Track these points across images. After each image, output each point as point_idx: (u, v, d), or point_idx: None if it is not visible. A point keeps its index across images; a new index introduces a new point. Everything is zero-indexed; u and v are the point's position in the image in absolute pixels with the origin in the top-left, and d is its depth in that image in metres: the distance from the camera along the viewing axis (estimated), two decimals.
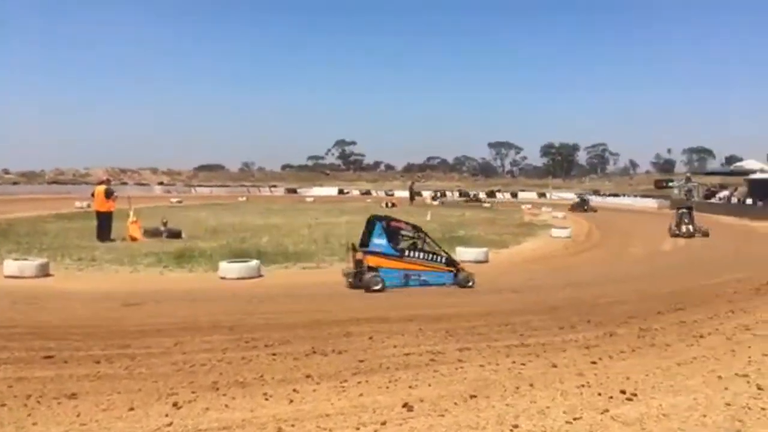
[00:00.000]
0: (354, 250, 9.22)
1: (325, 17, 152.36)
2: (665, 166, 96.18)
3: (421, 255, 9.38)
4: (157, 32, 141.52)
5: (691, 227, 19.51)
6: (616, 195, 58.82)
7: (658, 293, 8.99)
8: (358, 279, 8.90)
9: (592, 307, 7.80)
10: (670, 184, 49.60)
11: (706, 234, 19.46)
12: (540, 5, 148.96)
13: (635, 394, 4.37)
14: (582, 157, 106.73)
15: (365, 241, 9.22)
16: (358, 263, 8.99)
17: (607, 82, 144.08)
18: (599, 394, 4.38)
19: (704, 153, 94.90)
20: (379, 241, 9.10)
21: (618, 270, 12.11)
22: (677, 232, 19.47)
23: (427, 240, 9.61)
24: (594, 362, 5.24)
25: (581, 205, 37.39)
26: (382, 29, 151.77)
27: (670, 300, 8.30)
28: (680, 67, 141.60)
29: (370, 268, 8.91)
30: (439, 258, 9.51)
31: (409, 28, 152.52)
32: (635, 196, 54.76)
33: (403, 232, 9.49)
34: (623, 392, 4.41)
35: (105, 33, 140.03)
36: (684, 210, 20.25)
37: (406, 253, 9.25)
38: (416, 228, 9.66)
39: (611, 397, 4.32)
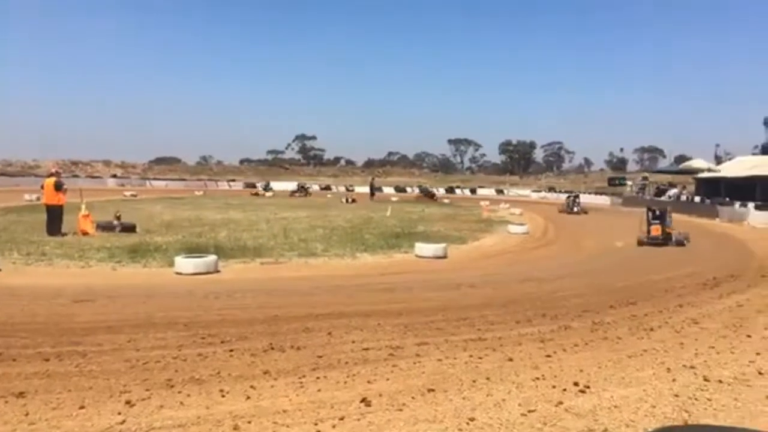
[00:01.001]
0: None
1: (286, 11, 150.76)
2: (618, 164, 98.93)
3: None
4: (111, 21, 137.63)
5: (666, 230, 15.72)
6: (571, 192, 60.08)
7: (610, 288, 9.23)
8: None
9: (547, 301, 7.96)
10: (625, 182, 51.01)
11: (683, 242, 15.76)
12: (499, 5, 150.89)
13: (588, 386, 4.49)
14: (539, 154, 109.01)
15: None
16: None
17: (564, 83, 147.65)
18: (553, 387, 4.48)
19: (655, 152, 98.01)
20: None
21: (572, 265, 12.38)
22: (646, 239, 15.61)
23: None
24: (549, 355, 5.36)
25: (571, 206, 30.94)
26: (343, 25, 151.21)
27: (622, 294, 8.55)
28: (634, 68, 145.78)
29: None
30: None
31: (370, 24, 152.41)
32: (590, 193, 56.03)
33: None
34: (576, 384, 4.52)
35: (55, 21, 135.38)
36: (656, 211, 16.33)
37: None
38: None
39: (565, 390, 4.42)
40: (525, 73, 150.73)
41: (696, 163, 39.06)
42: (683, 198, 34.86)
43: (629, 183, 47.81)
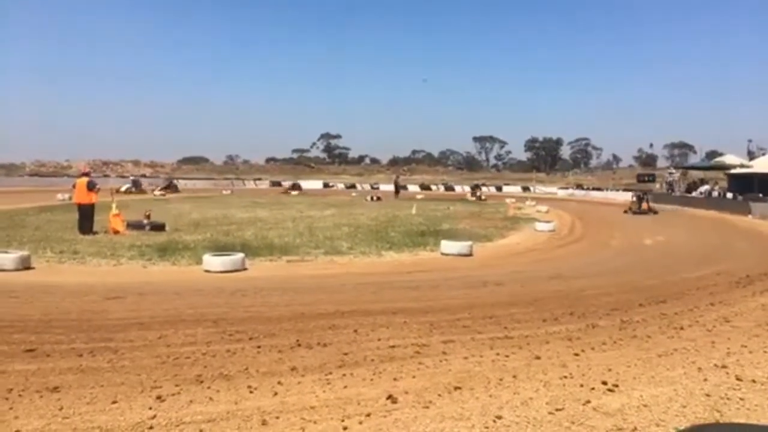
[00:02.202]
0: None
1: (310, 11, 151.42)
2: (647, 160, 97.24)
3: None
4: (141, 24, 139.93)
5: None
6: (599, 189, 59.35)
7: (639, 286, 9.09)
8: None
9: (575, 299, 7.88)
10: (654, 178, 50.13)
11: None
12: (524, 1, 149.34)
13: (617, 385, 4.43)
14: (565, 151, 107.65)
15: None
16: None
17: (591, 78, 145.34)
18: (581, 386, 4.44)
19: (685, 148, 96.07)
20: None
21: (600, 263, 12.22)
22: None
23: None
24: (577, 354, 5.30)
25: (638, 203, 28.80)
26: (368, 24, 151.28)
27: (651, 292, 8.41)
28: (663, 63, 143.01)
29: None
30: None
31: (394, 23, 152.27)
32: (618, 190, 55.25)
33: None
34: (605, 383, 4.47)
35: (88, 25, 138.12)
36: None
37: None
38: None
39: (593, 389, 4.37)
40: (551, 69, 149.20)
41: (728, 158, 38.14)
42: (715, 194, 34.13)
43: (667, 178, 46.89)
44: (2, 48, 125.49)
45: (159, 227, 15.58)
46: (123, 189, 37.54)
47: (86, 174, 15.97)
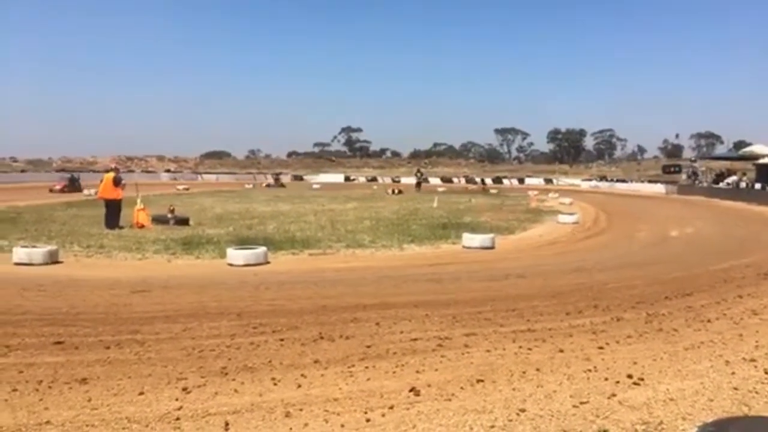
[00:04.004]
0: None
1: (330, 4, 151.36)
2: (673, 151, 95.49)
3: None
4: (163, 21, 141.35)
5: None
6: (623, 180, 58.60)
7: (665, 278, 8.97)
8: None
9: (598, 292, 7.80)
10: (680, 169, 49.33)
11: None
12: None
13: (642, 379, 4.38)
14: (589, 142, 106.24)
15: None
16: None
17: (614, 68, 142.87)
18: (606, 379, 4.40)
19: (712, 138, 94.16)
20: None
21: (625, 255, 12.07)
22: None
23: None
24: (601, 347, 5.25)
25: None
26: (388, 15, 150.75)
27: (677, 285, 8.29)
28: (688, 51, 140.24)
29: None
30: None
31: (415, 14, 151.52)
32: (643, 181, 54.50)
33: None
34: (630, 377, 4.42)
35: (112, 22, 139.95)
36: None
37: None
38: None
39: (618, 382, 4.33)
40: (573, 59, 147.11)
41: (757, 148, 37.30)
42: (742, 185, 33.46)
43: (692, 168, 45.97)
44: (30, 48, 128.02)
45: (183, 221, 15.76)
46: (57, 188, 31.72)
47: (113, 169, 16.20)
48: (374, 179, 66.25)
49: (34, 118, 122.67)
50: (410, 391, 4.07)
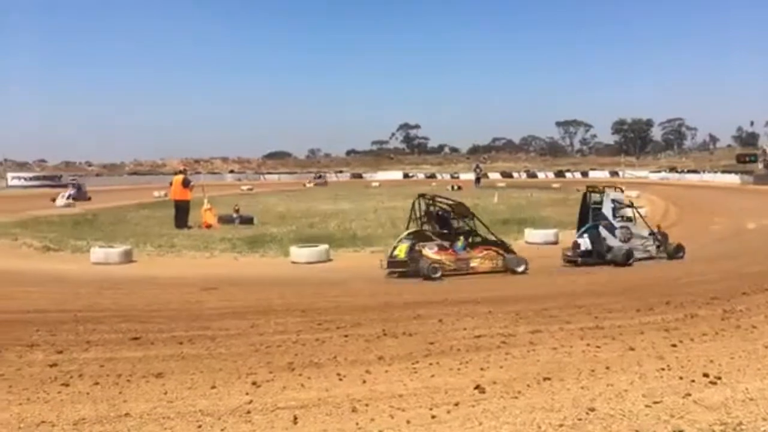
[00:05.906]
0: None
1: (388, 3, 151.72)
2: (748, 139, 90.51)
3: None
4: (225, 25, 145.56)
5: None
6: (695, 171, 56.11)
7: (742, 273, 8.53)
8: None
9: (670, 287, 7.50)
10: (756, 158, 46.83)
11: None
12: None
13: (719, 378, 4.18)
14: (657, 133, 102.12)
15: None
16: None
17: (682, 54, 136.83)
18: (680, 378, 4.22)
19: None
20: None
21: (698, 249, 11.55)
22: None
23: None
24: (674, 345, 5.05)
25: None
26: (445, 10, 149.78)
27: (756, 280, 7.86)
28: (762, 31, 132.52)
29: None
30: None
31: (472, 9, 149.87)
32: (716, 172, 52.00)
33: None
34: (706, 375, 4.23)
35: (176, 28, 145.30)
36: None
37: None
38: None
39: (693, 381, 4.15)
40: (638, 47, 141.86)
41: None
42: None
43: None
44: (102, 58, 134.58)
45: (248, 220, 16.20)
46: (58, 204, 23.58)
47: (182, 171, 16.81)
48: (433, 176, 66.01)
49: (107, 125, 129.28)
50: (475, 388, 4.04)
